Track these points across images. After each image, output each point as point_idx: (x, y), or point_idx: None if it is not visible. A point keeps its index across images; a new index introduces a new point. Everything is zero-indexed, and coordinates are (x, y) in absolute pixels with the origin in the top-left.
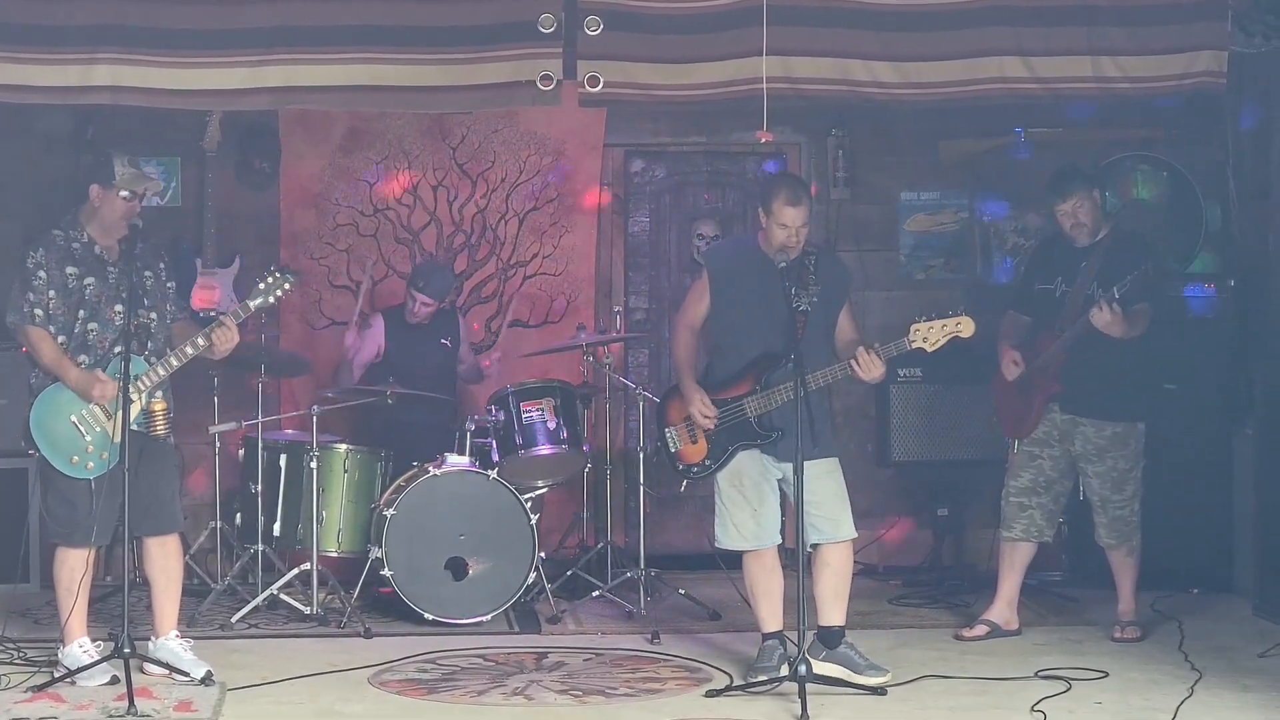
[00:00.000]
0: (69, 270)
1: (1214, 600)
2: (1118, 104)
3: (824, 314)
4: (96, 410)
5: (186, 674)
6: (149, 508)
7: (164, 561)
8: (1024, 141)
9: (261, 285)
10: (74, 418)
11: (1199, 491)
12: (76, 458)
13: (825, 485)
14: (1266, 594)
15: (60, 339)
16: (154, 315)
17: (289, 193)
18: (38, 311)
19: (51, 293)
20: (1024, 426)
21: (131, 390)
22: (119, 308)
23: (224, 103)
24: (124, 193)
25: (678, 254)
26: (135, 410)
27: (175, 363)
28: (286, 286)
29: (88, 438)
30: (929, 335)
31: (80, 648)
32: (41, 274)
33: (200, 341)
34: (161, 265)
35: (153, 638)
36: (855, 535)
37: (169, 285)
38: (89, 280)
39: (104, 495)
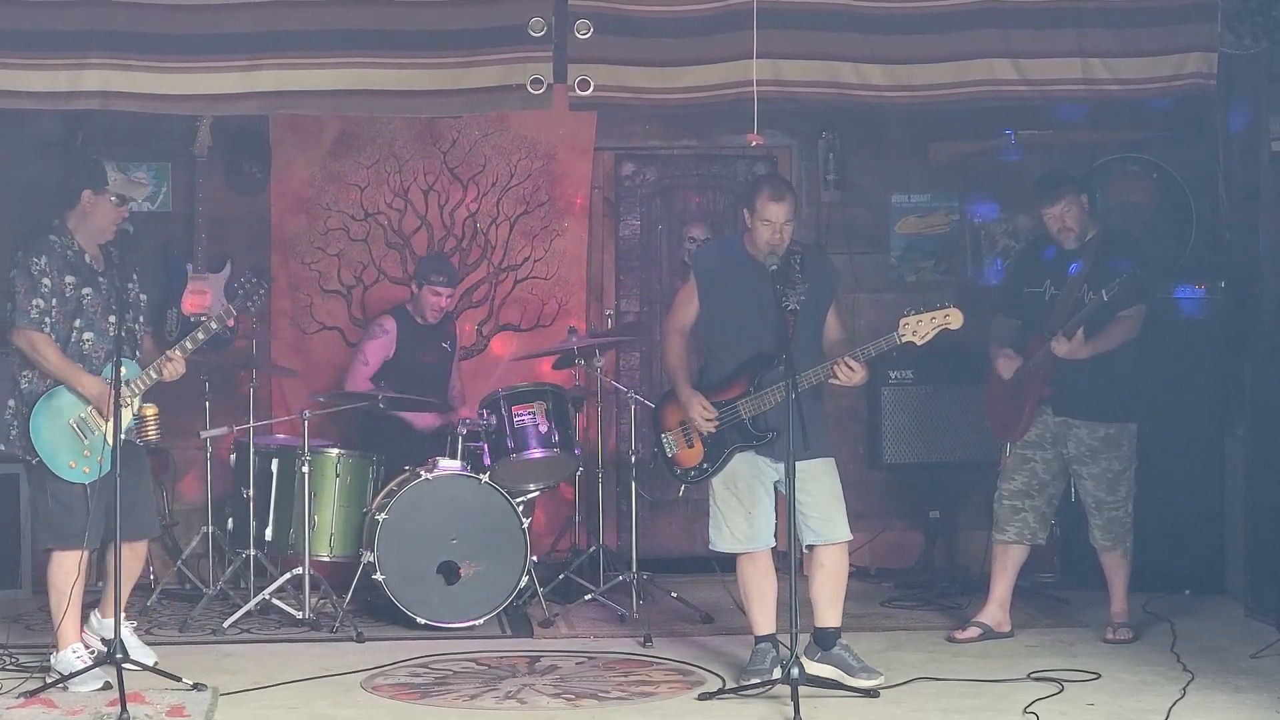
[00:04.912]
0: (68, 279)
1: (1206, 602)
2: (1107, 106)
3: (813, 312)
4: (94, 414)
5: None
6: (130, 512)
7: (133, 564)
8: (1014, 143)
9: (240, 291)
10: (72, 421)
11: (1190, 493)
12: (74, 462)
13: (821, 486)
14: (1258, 595)
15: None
16: (138, 323)
17: (280, 197)
18: (47, 318)
19: (54, 301)
20: (1015, 430)
21: (127, 394)
22: (113, 318)
23: (214, 108)
24: (114, 197)
25: (668, 257)
26: (130, 415)
27: (155, 375)
28: (261, 293)
29: (86, 441)
30: (918, 328)
31: (74, 653)
32: (47, 281)
33: (152, 375)
34: (135, 277)
35: (98, 616)
36: (850, 537)
37: (142, 298)
38: (86, 290)
39: (95, 499)
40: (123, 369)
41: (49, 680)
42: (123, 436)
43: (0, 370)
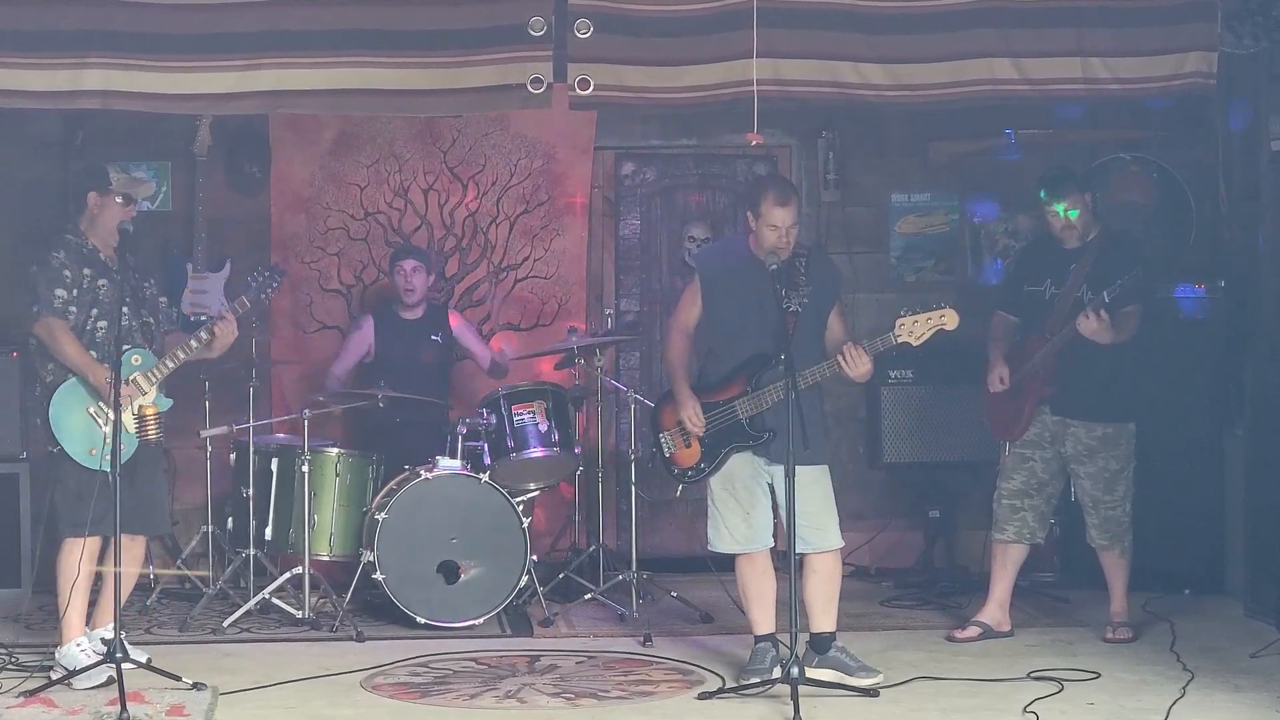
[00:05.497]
0: (85, 271)
1: (1205, 601)
2: (1107, 105)
3: (814, 314)
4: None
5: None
6: (138, 507)
7: (132, 566)
8: (1014, 143)
9: (253, 284)
10: (91, 409)
11: (1190, 493)
12: (93, 449)
13: (812, 494)
14: (1257, 595)
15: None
16: (155, 319)
17: (279, 197)
18: (71, 307)
19: (74, 291)
20: (1014, 429)
21: (143, 382)
22: (125, 310)
23: (214, 107)
24: (119, 197)
25: (669, 256)
26: (129, 415)
27: (182, 355)
28: (275, 285)
29: (105, 429)
30: (914, 329)
31: (78, 647)
32: (67, 273)
33: (202, 337)
34: (152, 279)
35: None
36: (842, 544)
37: (161, 300)
38: (102, 282)
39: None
40: (137, 359)
41: (53, 675)
42: (134, 435)
43: (2, 370)
